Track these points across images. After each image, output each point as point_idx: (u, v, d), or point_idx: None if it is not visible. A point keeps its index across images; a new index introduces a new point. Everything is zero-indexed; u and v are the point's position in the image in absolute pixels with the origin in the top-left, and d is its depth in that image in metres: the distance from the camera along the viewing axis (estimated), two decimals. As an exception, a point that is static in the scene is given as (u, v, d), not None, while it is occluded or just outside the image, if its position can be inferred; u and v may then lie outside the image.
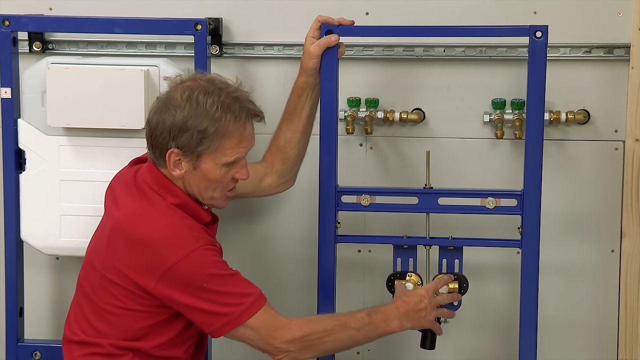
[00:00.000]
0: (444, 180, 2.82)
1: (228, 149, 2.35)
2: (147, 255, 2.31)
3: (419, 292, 2.54)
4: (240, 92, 2.39)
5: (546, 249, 2.70)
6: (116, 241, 2.36)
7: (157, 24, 2.75)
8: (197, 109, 2.32)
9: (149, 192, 2.38)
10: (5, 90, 2.75)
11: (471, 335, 2.97)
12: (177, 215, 2.35)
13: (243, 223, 2.98)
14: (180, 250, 2.30)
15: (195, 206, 2.41)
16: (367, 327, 2.43)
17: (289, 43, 2.88)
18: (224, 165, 2.36)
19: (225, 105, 2.33)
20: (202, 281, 2.30)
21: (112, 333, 2.38)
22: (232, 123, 2.34)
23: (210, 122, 2.32)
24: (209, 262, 2.33)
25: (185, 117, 2.31)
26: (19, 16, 2.74)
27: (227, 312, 2.32)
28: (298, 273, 2.98)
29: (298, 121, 2.66)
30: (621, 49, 2.79)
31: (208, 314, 2.32)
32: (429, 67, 2.86)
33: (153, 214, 2.35)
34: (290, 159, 2.70)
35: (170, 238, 2.31)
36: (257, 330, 2.34)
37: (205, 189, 2.39)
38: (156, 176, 2.40)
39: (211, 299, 2.31)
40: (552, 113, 2.80)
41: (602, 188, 2.86)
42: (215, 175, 2.37)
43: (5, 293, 2.84)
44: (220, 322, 2.32)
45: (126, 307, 2.35)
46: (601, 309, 2.91)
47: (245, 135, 2.38)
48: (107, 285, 2.36)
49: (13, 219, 2.80)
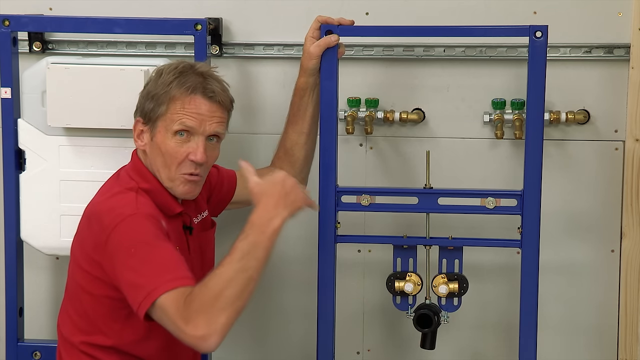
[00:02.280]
0: (444, 180, 2.81)
1: (174, 114, 2.37)
2: (96, 225, 2.31)
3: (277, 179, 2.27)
4: (205, 69, 2.43)
5: (546, 249, 2.70)
6: (81, 222, 2.42)
7: (157, 24, 2.75)
8: (158, 79, 2.41)
9: (124, 175, 2.44)
10: (5, 90, 2.75)
11: (471, 335, 2.97)
12: (132, 193, 2.36)
13: (243, 224, 2.98)
14: (119, 216, 2.28)
15: (164, 193, 2.42)
16: (254, 247, 2.17)
17: (289, 43, 2.88)
18: (173, 134, 2.37)
19: (178, 72, 2.40)
20: (131, 246, 2.22)
21: (84, 325, 2.38)
22: (177, 87, 2.38)
23: (162, 86, 2.39)
24: (144, 228, 2.26)
25: (149, 87, 2.42)
26: (19, 16, 2.74)
27: (145, 284, 2.15)
28: (298, 273, 2.98)
29: (302, 123, 2.66)
30: (621, 49, 2.79)
31: (130, 286, 2.19)
32: (429, 67, 2.86)
33: (113, 192, 2.39)
34: (299, 162, 2.70)
35: (116, 206, 2.32)
36: (166, 311, 2.11)
37: (162, 165, 2.39)
38: (134, 161, 2.46)
39: (134, 267, 2.19)
40: (552, 113, 2.80)
41: (602, 188, 2.86)
42: (167, 147, 2.37)
43: (5, 293, 2.84)
44: (140, 296, 2.15)
45: (90, 291, 2.34)
46: (601, 309, 2.91)
47: (191, 102, 2.38)
48: (77, 273, 2.38)
49: (13, 219, 2.80)
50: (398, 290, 2.67)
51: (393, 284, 2.67)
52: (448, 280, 2.65)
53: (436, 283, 2.65)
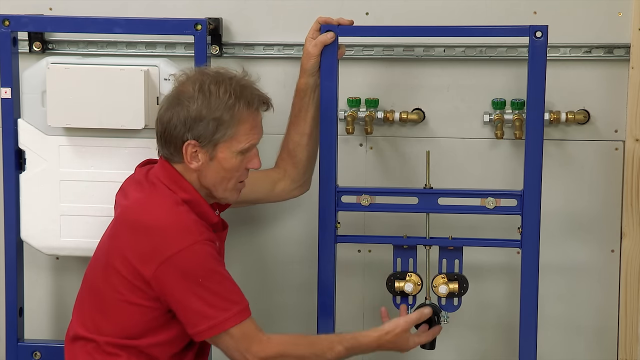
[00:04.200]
0: (444, 180, 2.81)
1: (242, 135, 2.37)
2: (150, 241, 2.31)
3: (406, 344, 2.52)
4: (247, 80, 2.42)
5: (546, 249, 2.70)
6: (121, 228, 2.38)
7: (157, 24, 2.75)
8: (211, 98, 2.34)
9: (160, 185, 2.40)
10: (5, 90, 2.75)
11: (471, 335, 2.97)
12: (183, 209, 2.36)
13: (243, 223, 2.98)
14: (183, 240, 2.30)
15: (204, 204, 2.42)
16: (341, 357, 2.44)
17: (289, 43, 2.88)
18: (239, 153, 2.38)
19: (238, 92, 2.36)
20: (199, 275, 2.30)
21: (110, 329, 2.38)
22: (246, 109, 2.36)
23: (225, 109, 2.34)
24: (210, 257, 2.33)
25: (199, 107, 2.34)
26: (19, 16, 2.74)
27: (215, 316, 2.32)
28: (298, 273, 2.98)
29: (304, 123, 2.66)
30: (621, 49, 2.79)
31: (196, 314, 2.32)
32: (429, 67, 2.86)
33: (160, 203, 2.37)
34: (301, 163, 2.70)
35: (174, 227, 2.32)
36: (236, 340, 2.34)
37: (221, 179, 2.40)
38: (168, 171, 2.41)
39: (203, 298, 2.31)
40: (552, 113, 2.80)
41: (602, 188, 2.86)
42: (231, 165, 2.38)
43: (5, 293, 2.84)
44: (206, 325, 2.32)
45: (125, 299, 2.35)
46: (601, 309, 2.91)
47: (258, 121, 2.41)
48: (110, 276, 2.36)
49: (13, 219, 2.80)
50: (398, 290, 2.67)
51: (393, 284, 2.67)
52: (448, 280, 2.65)
53: (436, 283, 2.65)
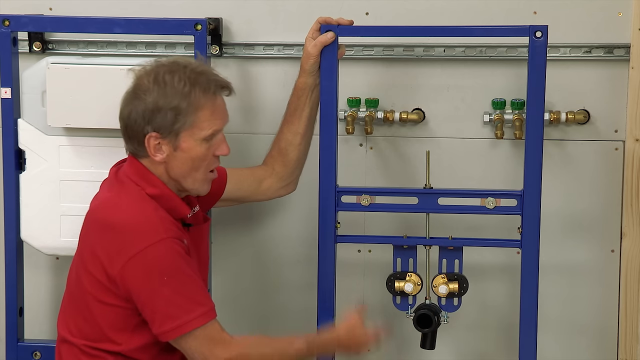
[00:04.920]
0: (444, 180, 2.81)
1: (203, 122, 2.34)
2: (117, 239, 2.30)
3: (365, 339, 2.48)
4: (204, 66, 2.40)
5: (546, 249, 2.70)
6: (90, 227, 2.39)
7: (157, 24, 2.75)
8: (166, 89, 2.32)
9: (128, 182, 2.39)
10: (5, 90, 2.75)
11: (471, 335, 2.97)
12: (150, 206, 2.35)
13: (243, 223, 2.98)
14: (148, 237, 2.29)
15: (174, 197, 2.40)
16: (303, 356, 2.41)
17: (289, 43, 2.88)
18: (203, 140, 2.35)
19: (192, 79, 2.33)
20: (164, 273, 2.28)
21: (90, 332, 2.37)
22: (202, 95, 2.34)
23: (181, 97, 2.32)
24: (176, 255, 2.30)
25: (155, 98, 2.32)
26: (19, 16, 2.74)
27: (179, 316, 2.28)
28: (298, 273, 2.98)
29: (298, 123, 2.66)
30: (621, 49, 2.79)
31: (160, 313, 2.29)
32: (429, 67, 2.86)
33: (127, 201, 2.36)
34: (291, 162, 2.70)
35: (140, 224, 2.31)
36: (200, 342, 2.30)
37: (189, 170, 2.38)
38: (136, 167, 2.40)
39: (167, 297, 2.28)
40: (552, 113, 2.80)
41: (602, 188, 2.86)
42: (196, 153, 2.36)
43: (5, 293, 2.84)
44: (170, 325, 2.29)
45: (98, 299, 2.34)
46: (601, 309, 2.91)
47: (217, 105, 2.38)
48: (82, 276, 2.36)
49: (13, 219, 2.80)
50: (398, 290, 2.67)
51: (393, 284, 2.67)
52: (448, 280, 2.65)
53: (436, 283, 2.66)
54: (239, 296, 3.00)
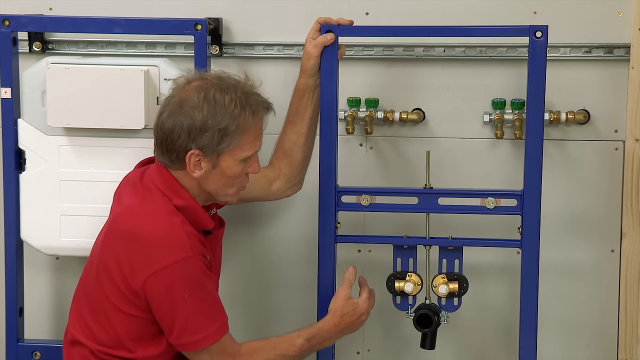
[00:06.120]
0: (444, 180, 2.82)
1: (247, 144, 2.35)
2: (141, 252, 2.30)
3: (359, 308, 2.54)
4: (250, 86, 2.39)
5: (546, 249, 2.70)
6: (114, 236, 2.37)
7: (157, 24, 2.75)
8: (216, 108, 2.30)
9: (155, 191, 2.37)
10: (5, 90, 2.75)
11: (471, 335, 2.97)
12: (177, 219, 2.34)
13: (243, 224, 2.98)
14: (174, 254, 2.29)
15: (199, 211, 2.40)
16: (306, 352, 2.47)
17: (289, 43, 2.88)
18: (242, 161, 2.37)
19: (243, 101, 2.33)
20: (185, 291, 2.30)
21: (105, 337, 2.38)
22: (251, 118, 2.34)
23: (230, 119, 2.31)
24: (199, 272, 2.32)
25: (204, 117, 2.30)
26: (19, 16, 2.74)
27: (196, 332, 2.32)
28: (298, 273, 2.98)
29: (301, 124, 2.66)
30: (621, 49, 2.79)
31: (179, 328, 2.32)
32: (429, 67, 2.86)
33: (153, 212, 2.35)
34: (297, 162, 2.70)
35: (167, 239, 2.31)
36: (212, 355, 2.36)
37: (223, 186, 2.39)
38: (164, 177, 2.38)
39: (187, 313, 2.31)
40: (552, 113, 2.80)
41: (602, 188, 2.86)
42: (233, 172, 2.37)
43: (5, 293, 2.84)
44: (187, 340, 2.33)
45: (117, 307, 2.35)
46: (601, 309, 2.91)
47: (261, 128, 2.40)
48: (102, 282, 2.36)
49: (13, 219, 2.80)
50: (398, 290, 2.67)
51: (393, 284, 2.67)
52: (448, 280, 2.65)
53: (436, 283, 2.66)
54: (239, 296, 3.00)
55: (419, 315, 2.65)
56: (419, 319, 2.65)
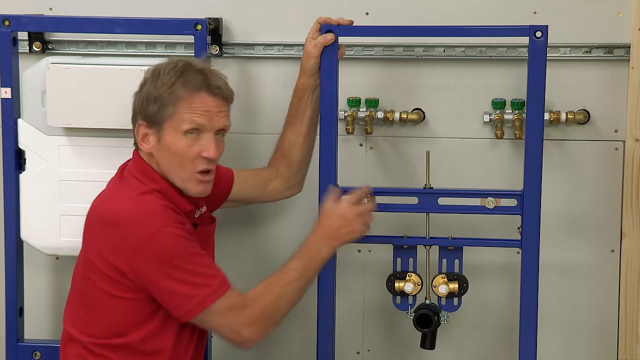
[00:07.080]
0: (444, 180, 2.82)
1: (183, 114, 2.36)
2: (119, 232, 2.32)
3: (338, 210, 2.49)
4: (203, 65, 2.42)
5: (546, 249, 2.70)
6: (92, 224, 2.40)
7: (157, 24, 2.75)
8: (156, 80, 2.38)
9: (130, 178, 2.42)
10: (5, 90, 2.75)
11: (471, 335, 2.97)
12: (151, 196, 2.37)
13: (244, 224, 2.98)
14: (150, 225, 2.31)
15: (174, 193, 2.41)
16: (305, 271, 2.43)
17: (289, 43, 2.88)
18: (184, 135, 2.36)
19: (179, 72, 2.38)
20: (173, 258, 2.31)
21: (100, 328, 2.38)
22: (182, 87, 2.36)
23: (165, 88, 2.36)
24: (180, 238, 2.32)
25: (148, 88, 2.39)
26: (19, 16, 2.74)
27: (196, 294, 2.31)
28: (298, 273, 2.98)
29: (301, 124, 2.66)
30: (621, 49, 2.79)
31: (177, 296, 2.32)
32: (429, 67, 2.86)
33: (126, 194, 2.38)
34: (295, 163, 2.70)
35: (142, 214, 2.33)
36: (223, 314, 2.34)
37: (174, 166, 2.39)
38: (138, 163, 2.43)
39: (181, 279, 2.31)
40: (552, 113, 2.80)
41: (602, 188, 2.86)
42: (177, 148, 2.37)
43: (5, 293, 2.84)
44: (189, 305, 2.32)
45: (108, 293, 2.35)
46: (601, 309, 2.91)
47: (200, 101, 2.38)
48: (89, 273, 2.38)
49: (13, 219, 2.80)
50: (398, 290, 2.67)
51: (393, 284, 2.67)
52: (448, 280, 2.65)
53: (436, 283, 2.66)
54: (239, 296, 3.00)
55: (419, 315, 2.65)
56: (419, 319, 2.65)
